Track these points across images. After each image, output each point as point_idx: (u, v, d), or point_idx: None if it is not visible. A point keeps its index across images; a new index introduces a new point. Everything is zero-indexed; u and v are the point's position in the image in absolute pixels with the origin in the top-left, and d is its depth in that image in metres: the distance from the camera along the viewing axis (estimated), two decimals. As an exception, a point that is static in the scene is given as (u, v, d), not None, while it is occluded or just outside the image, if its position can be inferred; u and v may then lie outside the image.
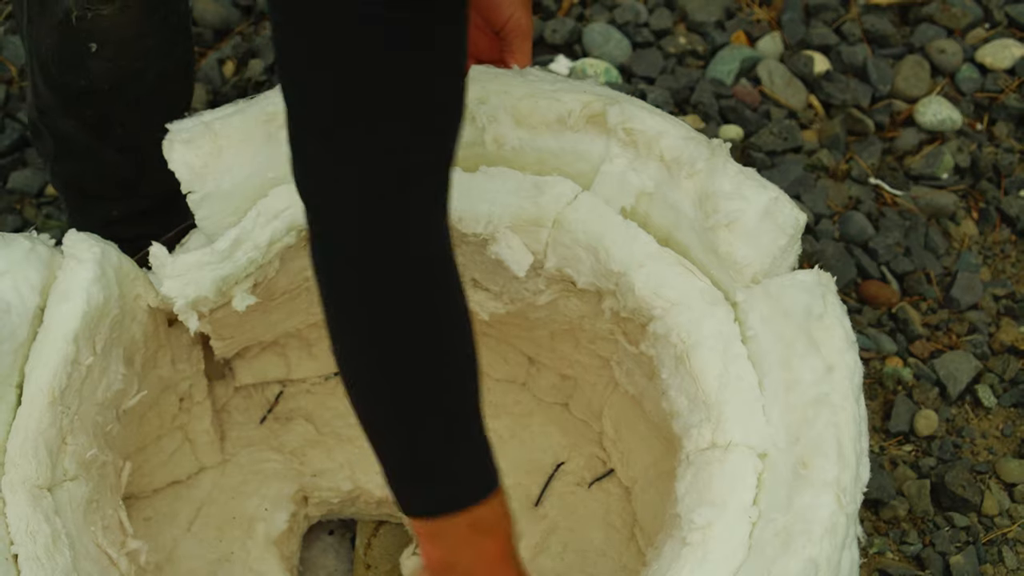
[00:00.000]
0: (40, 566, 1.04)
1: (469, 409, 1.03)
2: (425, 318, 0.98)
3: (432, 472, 1.02)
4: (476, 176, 1.28)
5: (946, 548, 1.63)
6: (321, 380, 1.55)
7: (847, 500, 1.06)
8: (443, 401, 1.01)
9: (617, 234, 1.24)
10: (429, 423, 1.00)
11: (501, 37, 1.30)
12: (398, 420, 1.01)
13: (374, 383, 1.00)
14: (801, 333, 1.14)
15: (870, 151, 2.06)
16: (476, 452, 1.04)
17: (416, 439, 1.01)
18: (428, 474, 1.02)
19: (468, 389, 1.03)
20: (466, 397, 1.03)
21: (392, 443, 1.02)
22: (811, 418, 1.10)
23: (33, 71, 1.43)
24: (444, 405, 1.01)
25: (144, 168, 1.49)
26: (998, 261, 1.97)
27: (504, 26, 1.28)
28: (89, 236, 1.21)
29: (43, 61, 1.38)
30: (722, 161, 1.21)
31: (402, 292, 0.97)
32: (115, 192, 1.56)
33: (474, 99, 1.28)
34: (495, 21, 1.28)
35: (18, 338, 1.13)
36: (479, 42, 1.33)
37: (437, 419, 1.01)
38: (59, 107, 1.44)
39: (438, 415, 1.01)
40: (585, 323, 1.37)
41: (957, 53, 2.19)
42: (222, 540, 1.43)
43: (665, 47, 2.20)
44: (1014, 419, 1.78)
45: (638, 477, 1.44)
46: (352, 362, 1.01)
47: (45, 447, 1.11)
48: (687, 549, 1.07)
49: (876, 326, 1.85)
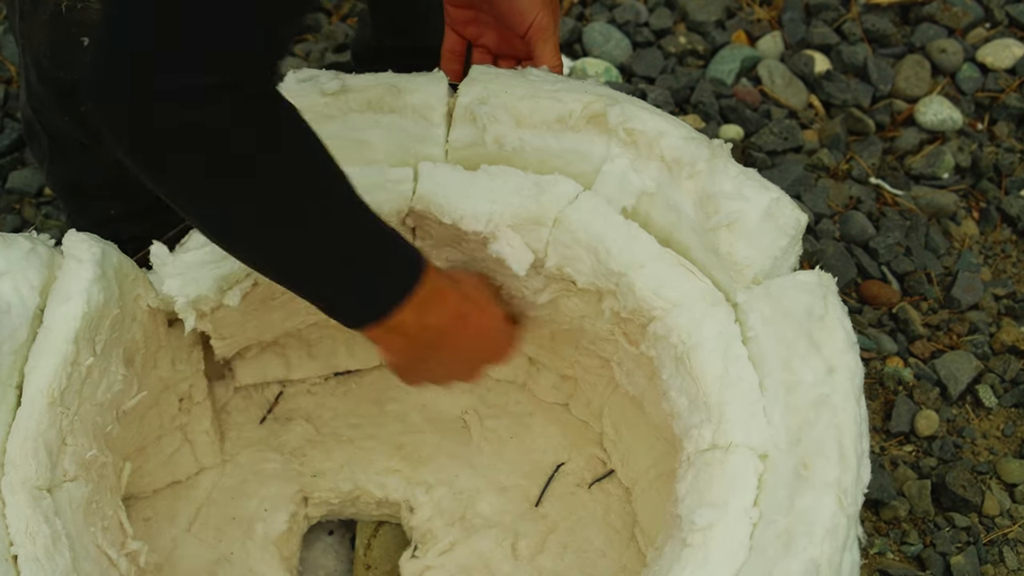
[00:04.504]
0: (40, 567, 1.04)
1: (361, 205, 1.05)
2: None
3: (362, 275, 1.05)
4: (478, 174, 1.28)
5: (947, 548, 1.63)
6: (321, 380, 1.55)
7: (848, 501, 1.06)
8: (338, 207, 1.03)
9: (618, 234, 1.24)
10: (338, 232, 1.03)
11: (526, 41, 1.31)
12: (310, 243, 1.02)
13: (272, 220, 1.00)
14: (802, 334, 1.14)
15: (871, 151, 2.06)
16: (391, 238, 1.07)
17: (334, 251, 1.03)
18: (360, 279, 1.05)
19: (349, 187, 1.04)
20: (353, 195, 1.04)
21: (314, 266, 1.04)
22: (812, 419, 1.10)
23: (26, 67, 1.43)
24: (340, 210, 1.03)
25: None
26: (999, 261, 1.97)
27: (527, 31, 1.29)
28: (89, 236, 1.21)
29: (36, 56, 1.38)
30: (723, 161, 1.21)
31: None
32: (112, 191, 1.55)
33: (475, 99, 1.28)
34: (519, 27, 1.30)
35: (18, 339, 1.13)
36: (512, 42, 1.35)
37: (343, 224, 1.03)
38: (53, 103, 1.43)
39: (342, 222, 1.03)
40: (585, 323, 1.36)
41: (958, 53, 2.19)
42: (222, 540, 1.43)
43: (665, 47, 2.20)
44: (1015, 419, 1.78)
45: (638, 478, 1.44)
46: (243, 219, 1.00)
47: (45, 448, 1.10)
48: (688, 550, 1.07)
49: (877, 326, 1.85)
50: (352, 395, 1.56)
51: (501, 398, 1.57)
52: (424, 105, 1.29)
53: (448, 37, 1.38)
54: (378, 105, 1.29)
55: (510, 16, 1.29)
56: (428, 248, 1.34)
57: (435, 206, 1.26)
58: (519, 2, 1.28)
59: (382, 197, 1.27)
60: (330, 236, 1.03)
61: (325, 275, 1.05)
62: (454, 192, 1.26)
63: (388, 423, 1.55)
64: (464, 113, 1.29)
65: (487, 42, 1.37)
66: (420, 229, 1.32)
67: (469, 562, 1.44)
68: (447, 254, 1.34)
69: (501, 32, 1.35)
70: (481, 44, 1.38)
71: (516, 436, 1.54)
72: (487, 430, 1.54)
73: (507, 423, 1.55)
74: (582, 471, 1.51)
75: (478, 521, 1.47)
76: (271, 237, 1.02)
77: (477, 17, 1.35)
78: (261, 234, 1.01)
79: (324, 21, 2.22)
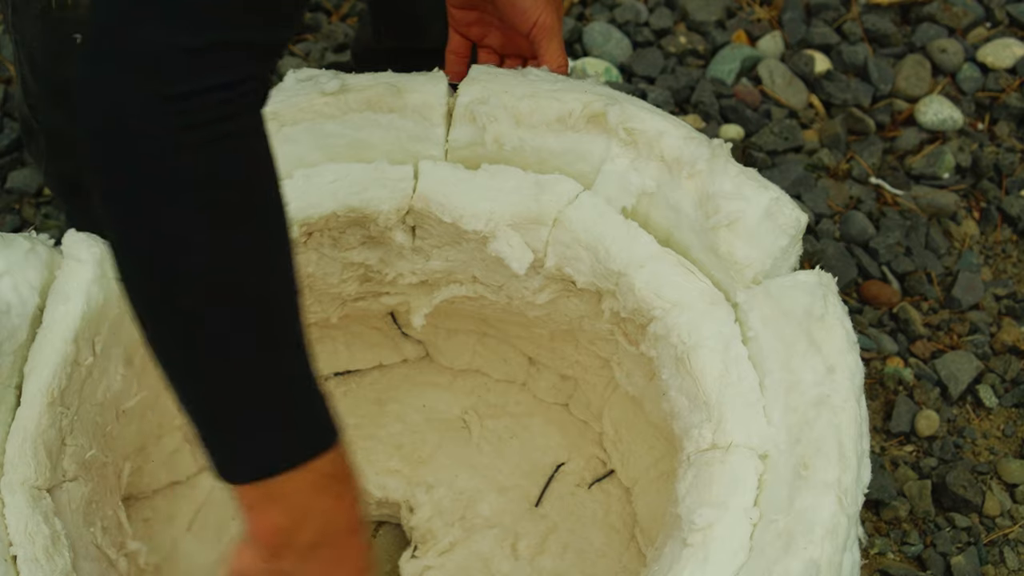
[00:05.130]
0: (39, 567, 1.04)
1: (296, 344, 0.91)
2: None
3: (265, 420, 0.88)
4: (478, 173, 1.28)
5: (947, 549, 1.62)
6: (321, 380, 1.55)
7: (848, 501, 1.06)
8: (265, 335, 0.87)
9: (617, 234, 1.24)
10: (255, 364, 0.88)
11: (530, 40, 1.31)
12: (213, 364, 0.87)
13: (171, 324, 0.87)
14: (802, 334, 1.14)
15: (871, 151, 2.06)
16: (315, 394, 0.92)
17: (244, 381, 0.88)
18: (259, 422, 0.88)
19: (289, 316, 0.89)
20: (288, 327, 0.90)
21: (207, 391, 0.89)
22: (812, 419, 1.10)
23: (21, 63, 1.43)
24: (267, 339, 0.88)
25: None
26: (999, 261, 1.97)
27: (531, 32, 1.29)
28: (89, 236, 1.21)
29: (30, 52, 1.38)
30: (723, 161, 1.21)
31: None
32: None
33: (474, 99, 1.28)
34: (523, 26, 1.30)
35: (17, 339, 1.13)
36: (516, 42, 1.35)
37: (263, 358, 0.88)
38: (48, 99, 1.43)
39: (262, 353, 0.88)
40: (585, 323, 1.36)
41: (958, 52, 2.19)
42: (222, 540, 1.43)
43: (665, 46, 2.20)
44: (1015, 419, 1.78)
45: (638, 478, 1.44)
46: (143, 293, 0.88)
47: (44, 448, 1.10)
48: (688, 550, 1.07)
49: (877, 326, 1.85)
50: (352, 395, 1.56)
51: (501, 398, 1.57)
52: (424, 105, 1.29)
53: (452, 39, 1.38)
54: (378, 105, 1.29)
55: (513, 16, 1.29)
56: (428, 248, 1.34)
57: (435, 204, 1.26)
58: (522, 1, 1.28)
59: (382, 194, 1.27)
60: (257, 371, 0.87)
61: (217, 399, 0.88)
62: (454, 191, 1.26)
63: (388, 423, 1.55)
64: (464, 113, 1.29)
65: (492, 42, 1.37)
66: (420, 228, 1.32)
67: (469, 562, 1.44)
68: (447, 253, 1.34)
69: (505, 32, 1.35)
70: (486, 44, 1.38)
71: (516, 436, 1.54)
72: (487, 430, 1.54)
73: (507, 423, 1.55)
74: (582, 471, 1.51)
75: (478, 521, 1.47)
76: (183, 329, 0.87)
77: (481, 18, 1.35)
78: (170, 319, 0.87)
79: (324, 21, 2.22)
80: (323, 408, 0.93)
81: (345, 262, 1.35)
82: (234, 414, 0.89)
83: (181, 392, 0.91)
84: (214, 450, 0.91)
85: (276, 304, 0.90)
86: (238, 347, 0.87)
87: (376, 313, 1.48)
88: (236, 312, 0.87)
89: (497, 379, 1.57)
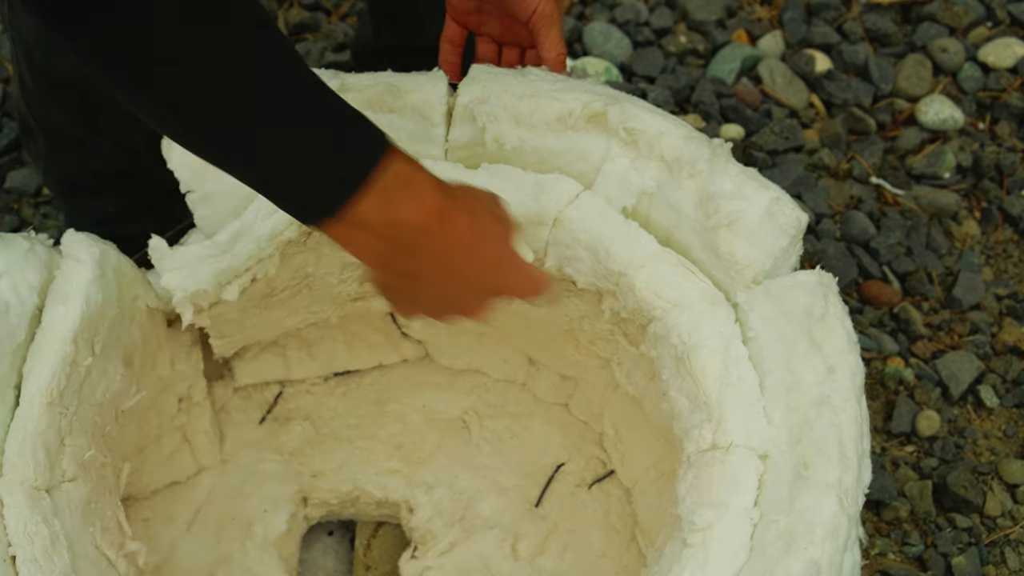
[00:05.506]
0: (38, 568, 1.04)
1: (313, 76, 0.93)
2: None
3: (312, 153, 0.91)
4: (478, 173, 1.28)
5: (948, 549, 1.62)
6: (321, 380, 1.55)
7: (849, 502, 1.06)
8: (295, 86, 0.90)
9: (618, 234, 1.23)
10: (285, 96, 0.90)
11: (529, 29, 1.30)
12: (271, 120, 0.90)
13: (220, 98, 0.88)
14: (802, 334, 1.14)
15: (871, 150, 2.06)
16: (351, 114, 0.94)
17: (299, 126, 0.91)
18: (309, 158, 0.91)
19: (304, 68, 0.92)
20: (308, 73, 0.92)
21: (273, 145, 0.91)
22: (812, 419, 1.09)
23: (18, 60, 1.43)
24: (298, 88, 0.90)
25: (138, 161, 1.48)
26: (1000, 261, 1.97)
27: (530, 20, 1.29)
28: (88, 236, 1.21)
29: (27, 47, 1.38)
30: (723, 161, 1.20)
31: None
32: (109, 187, 1.55)
33: (474, 98, 1.28)
34: (522, 14, 1.29)
35: (16, 339, 1.12)
36: (515, 30, 1.34)
37: (304, 96, 0.91)
38: (46, 96, 1.43)
39: (301, 96, 0.91)
40: (585, 323, 1.36)
41: (959, 52, 2.19)
42: (221, 541, 1.43)
43: (666, 46, 2.20)
44: (1016, 420, 1.77)
45: (639, 478, 1.43)
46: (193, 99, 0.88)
47: (43, 448, 1.10)
48: (688, 550, 1.07)
49: (878, 326, 1.85)
50: (352, 395, 1.56)
51: (501, 398, 1.56)
52: (424, 104, 1.29)
53: (448, 27, 1.37)
54: (378, 105, 1.29)
55: (512, 3, 1.28)
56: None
57: (435, 205, 1.26)
58: None
59: (381, 196, 1.26)
60: (276, 99, 0.89)
61: (270, 151, 0.91)
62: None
63: (388, 423, 1.55)
64: (464, 112, 1.28)
65: (490, 31, 1.37)
66: (420, 229, 1.31)
67: (469, 563, 1.44)
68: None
69: (504, 20, 1.35)
70: (484, 32, 1.37)
71: (516, 436, 1.54)
72: (487, 430, 1.54)
73: (507, 423, 1.55)
74: (582, 471, 1.51)
75: (478, 522, 1.47)
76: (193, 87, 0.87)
77: (480, 6, 1.35)
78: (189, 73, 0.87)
79: (323, 20, 2.21)
80: (359, 125, 0.94)
81: (345, 262, 1.34)
82: (283, 153, 0.91)
83: (240, 163, 0.92)
84: (286, 202, 0.94)
85: (283, 54, 0.91)
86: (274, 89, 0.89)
87: (376, 313, 1.48)
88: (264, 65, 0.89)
89: (497, 379, 1.57)
